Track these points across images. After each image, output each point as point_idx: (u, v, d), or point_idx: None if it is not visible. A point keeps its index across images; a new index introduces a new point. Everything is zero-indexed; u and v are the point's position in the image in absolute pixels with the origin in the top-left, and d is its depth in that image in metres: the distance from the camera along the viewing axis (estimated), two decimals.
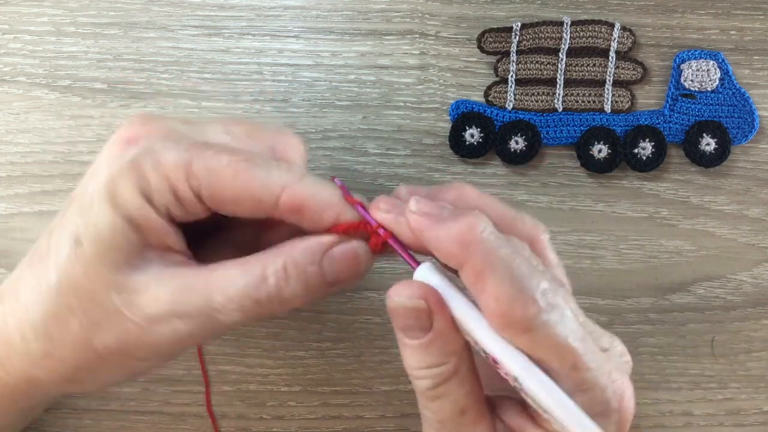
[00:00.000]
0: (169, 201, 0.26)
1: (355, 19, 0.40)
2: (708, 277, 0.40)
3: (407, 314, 0.25)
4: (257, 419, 0.41)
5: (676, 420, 0.41)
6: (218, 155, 0.26)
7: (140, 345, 0.27)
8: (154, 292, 0.26)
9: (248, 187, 0.26)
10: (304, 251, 0.27)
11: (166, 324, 0.26)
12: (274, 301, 0.27)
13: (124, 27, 0.40)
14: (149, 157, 0.26)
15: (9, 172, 0.40)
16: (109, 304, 0.26)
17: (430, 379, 0.26)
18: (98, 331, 0.26)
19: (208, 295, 0.26)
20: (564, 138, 0.40)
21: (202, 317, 0.27)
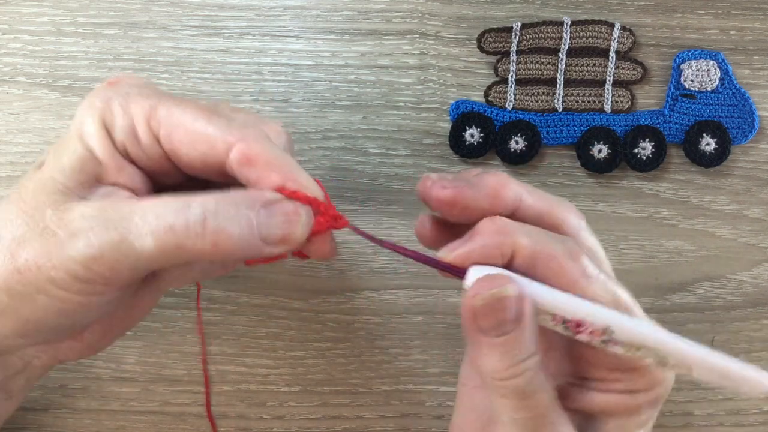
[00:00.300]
0: (128, 139, 0.27)
1: (355, 19, 0.40)
2: (708, 277, 0.40)
3: (497, 308, 0.25)
4: (257, 419, 0.41)
5: (676, 420, 0.41)
6: (184, 104, 0.27)
7: (55, 260, 0.25)
8: (83, 209, 0.26)
9: (204, 131, 0.27)
10: (245, 195, 0.26)
11: (81, 238, 0.25)
12: (192, 231, 0.25)
13: (124, 27, 0.40)
14: (120, 97, 0.28)
15: (9, 172, 0.40)
16: (39, 218, 0.26)
17: (525, 373, 0.25)
18: (24, 245, 0.26)
19: (128, 216, 0.25)
20: (564, 138, 0.40)
21: (116, 234, 0.25)
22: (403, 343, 0.40)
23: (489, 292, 0.25)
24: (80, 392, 0.40)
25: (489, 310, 0.25)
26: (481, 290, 0.25)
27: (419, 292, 0.40)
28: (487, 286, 0.25)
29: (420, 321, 0.40)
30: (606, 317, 0.25)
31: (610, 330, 0.25)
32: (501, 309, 0.25)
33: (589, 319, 0.25)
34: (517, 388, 0.25)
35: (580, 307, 0.25)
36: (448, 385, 0.41)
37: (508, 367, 0.25)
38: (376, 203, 0.40)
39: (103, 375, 0.40)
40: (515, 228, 0.26)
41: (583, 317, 0.25)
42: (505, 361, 0.25)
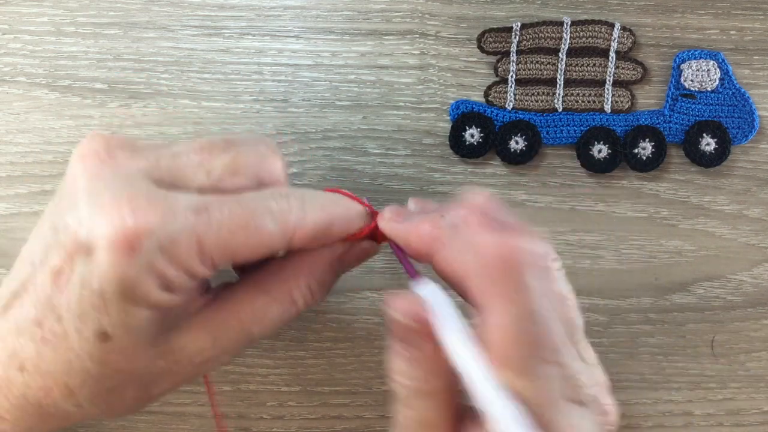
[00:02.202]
0: (186, 282, 0.25)
1: (355, 19, 0.40)
2: (708, 277, 0.40)
3: (398, 326, 0.26)
4: (257, 419, 0.41)
5: (676, 420, 0.41)
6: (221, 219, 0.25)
7: (192, 380, 0.29)
8: (194, 345, 0.27)
9: (261, 245, 0.26)
10: (323, 267, 0.29)
11: (213, 363, 0.28)
12: (301, 311, 0.29)
13: (124, 27, 0.40)
14: (159, 255, 0.24)
15: (9, 172, 0.40)
16: (157, 370, 0.27)
17: (405, 389, 0.26)
18: (153, 387, 0.28)
19: (245, 329, 0.28)
20: (564, 138, 0.40)
21: (243, 346, 0.29)
22: None
23: (392, 310, 0.26)
24: None
25: (393, 324, 0.26)
26: (391, 303, 0.26)
27: None
28: (399, 306, 0.26)
29: None
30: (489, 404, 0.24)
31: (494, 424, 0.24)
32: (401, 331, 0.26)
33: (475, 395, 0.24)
34: (397, 393, 0.27)
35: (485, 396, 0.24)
36: None
37: (395, 372, 0.26)
38: (376, 203, 0.40)
39: None
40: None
41: (478, 401, 0.24)
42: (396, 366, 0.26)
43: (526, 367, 0.24)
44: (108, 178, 0.24)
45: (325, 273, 0.30)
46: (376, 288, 0.40)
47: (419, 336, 0.25)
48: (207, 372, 0.29)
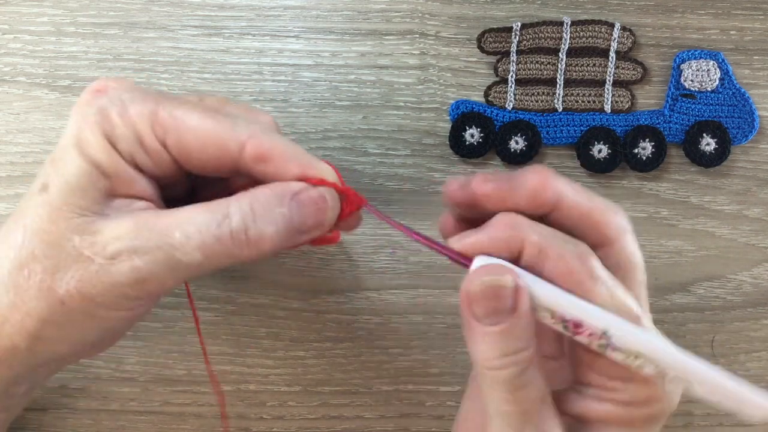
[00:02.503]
0: (135, 149, 0.27)
1: (355, 19, 0.40)
2: (708, 277, 0.40)
3: (492, 296, 0.25)
4: (257, 419, 0.41)
5: (676, 420, 0.41)
6: (185, 104, 0.27)
7: (100, 286, 0.26)
8: (115, 230, 0.26)
9: (214, 133, 0.27)
10: (273, 192, 0.27)
11: (125, 261, 0.26)
12: (237, 239, 0.26)
13: (124, 27, 0.40)
14: (116, 105, 0.27)
15: (9, 172, 0.40)
16: (70, 247, 0.26)
17: (515, 366, 0.25)
18: (60, 275, 0.26)
19: (167, 231, 0.26)
20: (564, 138, 0.40)
21: (161, 254, 0.26)
22: (403, 343, 0.40)
23: (484, 279, 0.25)
24: (80, 392, 0.40)
25: (484, 297, 0.25)
26: (478, 277, 0.25)
27: (419, 292, 0.40)
28: (485, 273, 0.25)
29: (420, 321, 0.40)
30: (605, 320, 0.25)
31: (608, 334, 0.25)
32: (495, 297, 0.25)
33: (587, 321, 0.25)
34: (504, 380, 0.25)
35: (580, 307, 0.25)
36: (448, 385, 0.41)
37: (497, 357, 0.25)
38: (376, 203, 0.40)
39: (103, 375, 0.40)
40: (526, 224, 0.26)
41: (581, 318, 0.25)
42: (495, 351, 0.25)
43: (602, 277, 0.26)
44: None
45: (273, 198, 0.27)
46: (376, 288, 0.40)
47: (516, 296, 0.25)
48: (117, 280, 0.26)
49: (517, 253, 0.26)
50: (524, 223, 0.26)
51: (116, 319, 0.27)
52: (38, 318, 0.26)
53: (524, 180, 0.27)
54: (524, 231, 0.26)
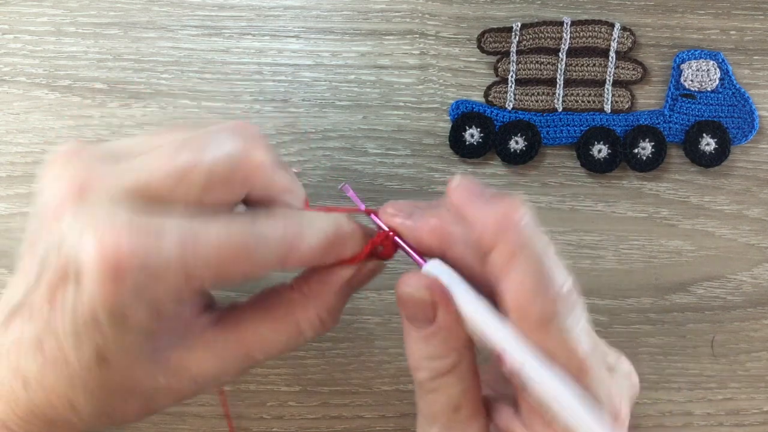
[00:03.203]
0: (177, 306, 0.26)
1: (355, 19, 0.40)
2: (708, 277, 0.40)
3: (413, 304, 0.26)
4: (257, 419, 0.41)
5: (676, 420, 0.41)
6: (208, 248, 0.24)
7: (195, 395, 0.28)
8: (196, 365, 0.27)
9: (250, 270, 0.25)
10: (333, 295, 0.29)
11: (216, 383, 0.28)
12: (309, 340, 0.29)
13: (124, 27, 0.40)
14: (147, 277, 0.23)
15: (9, 172, 0.40)
16: (159, 385, 0.26)
17: (428, 371, 0.26)
18: (155, 401, 0.27)
19: (249, 355, 0.28)
20: (564, 138, 0.40)
21: (245, 369, 0.28)
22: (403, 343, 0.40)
23: (407, 288, 0.26)
24: None
25: (403, 303, 0.26)
26: (404, 284, 0.26)
27: None
28: (411, 282, 0.26)
29: None
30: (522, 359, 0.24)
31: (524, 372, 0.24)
32: (412, 306, 0.26)
33: (509, 351, 0.24)
34: (418, 380, 0.27)
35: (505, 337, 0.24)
36: None
37: (418, 357, 0.26)
38: (376, 203, 0.40)
39: None
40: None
41: (505, 346, 0.24)
42: (416, 351, 0.26)
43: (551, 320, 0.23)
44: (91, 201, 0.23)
45: (334, 301, 0.29)
46: (376, 288, 0.40)
47: (433, 309, 0.26)
48: (210, 390, 0.29)
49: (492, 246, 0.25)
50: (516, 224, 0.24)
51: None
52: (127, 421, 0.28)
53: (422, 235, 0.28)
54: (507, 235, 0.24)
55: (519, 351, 0.24)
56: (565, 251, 0.40)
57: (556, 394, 0.23)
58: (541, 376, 0.23)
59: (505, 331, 0.24)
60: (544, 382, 0.23)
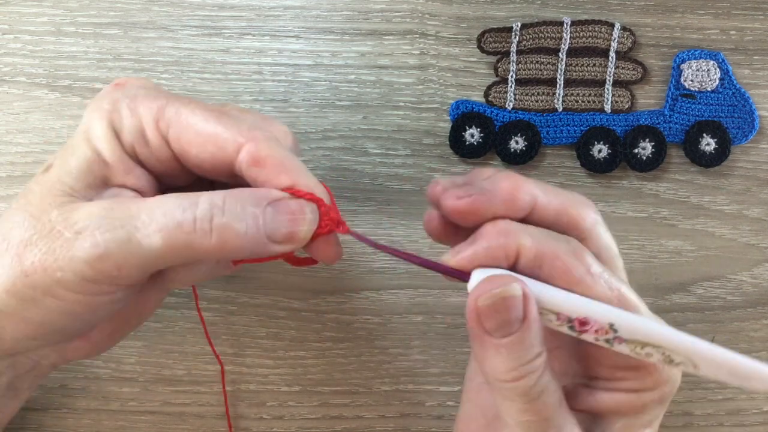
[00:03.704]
0: (137, 140, 0.28)
1: (355, 19, 0.40)
2: (708, 277, 0.40)
3: (502, 308, 0.24)
4: (257, 419, 0.41)
5: (676, 420, 0.41)
6: (192, 104, 0.28)
7: (61, 260, 0.25)
8: (89, 208, 0.26)
9: (214, 131, 0.27)
10: (251, 192, 0.27)
11: (87, 237, 0.25)
12: (198, 228, 0.25)
13: (124, 27, 0.40)
14: (128, 98, 0.28)
15: (9, 172, 0.40)
16: (46, 221, 0.26)
17: (531, 374, 0.25)
18: (30, 248, 0.26)
19: (134, 212, 0.25)
20: (564, 138, 0.40)
21: (123, 232, 0.25)
22: (403, 343, 0.40)
23: (493, 292, 0.24)
24: (80, 392, 0.40)
25: (493, 311, 0.24)
26: (485, 291, 0.25)
27: (419, 292, 0.40)
28: (491, 286, 0.25)
29: (420, 321, 0.40)
30: (609, 314, 0.25)
31: (614, 327, 0.25)
32: (505, 309, 0.24)
33: (593, 317, 0.25)
34: (522, 391, 0.25)
35: (583, 304, 0.25)
36: (448, 385, 0.41)
37: (513, 369, 0.25)
38: (376, 203, 0.40)
39: (103, 375, 0.40)
40: (518, 229, 0.26)
41: (586, 315, 0.25)
42: (510, 363, 0.25)
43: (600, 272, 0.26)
44: None
45: (250, 197, 0.26)
46: (376, 288, 0.40)
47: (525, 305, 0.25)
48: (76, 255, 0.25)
49: (513, 259, 0.26)
50: (515, 228, 0.26)
51: (77, 302, 0.26)
52: (3, 288, 0.26)
53: (497, 188, 0.27)
54: (517, 236, 0.26)
55: (604, 311, 0.25)
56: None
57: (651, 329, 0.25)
58: (632, 322, 0.25)
59: (582, 299, 0.25)
60: (636, 325, 0.25)
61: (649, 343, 0.25)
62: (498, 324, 0.25)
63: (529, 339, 0.25)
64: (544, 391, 0.25)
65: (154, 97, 0.28)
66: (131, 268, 0.26)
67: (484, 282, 0.25)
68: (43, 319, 0.27)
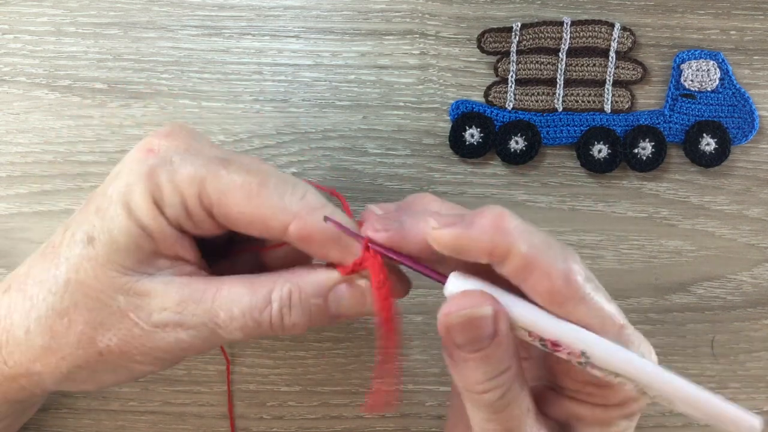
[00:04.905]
0: (180, 214, 0.27)
1: (355, 19, 0.40)
2: (708, 277, 0.40)
3: (473, 325, 0.25)
4: (257, 419, 0.41)
5: (676, 420, 0.41)
6: (232, 175, 0.27)
7: (142, 348, 0.27)
8: (162, 299, 0.27)
9: (258, 212, 0.27)
10: (312, 284, 0.28)
11: (169, 332, 0.27)
12: (274, 325, 0.28)
13: (124, 27, 0.40)
14: (166, 168, 0.27)
15: (9, 172, 0.40)
16: (115, 306, 0.27)
17: (498, 388, 0.25)
18: (102, 331, 0.27)
19: (213, 310, 0.27)
20: (564, 138, 0.40)
21: (205, 330, 0.27)
22: (403, 343, 0.40)
23: (463, 312, 0.25)
24: (80, 392, 0.40)
25: (462, 328, 0.25)
26: (456, 308, 0.25)
27: (419, 292, 0.40)
28: (461, 305, 0.25)
29: (420, 321, 0.40)
30: (582, 341, 0.25)
31: (586, 355, 0.25)
32: (475, 327, 0.25)
33: (564, 341, 0.25)
34: (488, 402, 0.25)
35: (556, 328, 0.25)
36: (448, 385, 0.41)
37: (480, 382, 0.25)
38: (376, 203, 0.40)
39: None
40: (516, 230, 0.25)
41: (558, 338, 0.25)
42: (478, 376, 0.25)
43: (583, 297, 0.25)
44: None
45: (312, 289, 0.28)
46: None
47: (495, 322, 0.25)
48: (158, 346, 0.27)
49: (500, 259, 0.25)
50: (513, 228, 0.25)
51: (148, 370, 0.29)
52: (74, 364, 0.27)
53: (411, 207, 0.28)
54: (513, 239, 0.24)
55: (577, 337, 0.25)
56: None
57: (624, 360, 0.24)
58: (605, 351, 0.24)
59: (558, 322, 0.25)
60: (609, 356, 0.24)
61: (621, 375, 0.25)
62: (467, 340, 0.25)
63: (498, 355, 0.25)
64: (510, 403, 0.26)
65: (192, 164, 0.27)
66: (207, 349, 0.29)
67: (456, 298, 0.25)
68: (112, 381, 0.29)
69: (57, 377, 0.28)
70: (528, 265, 0.24)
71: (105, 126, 0.40)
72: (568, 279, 0.24)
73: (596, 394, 0.27)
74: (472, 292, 0.25)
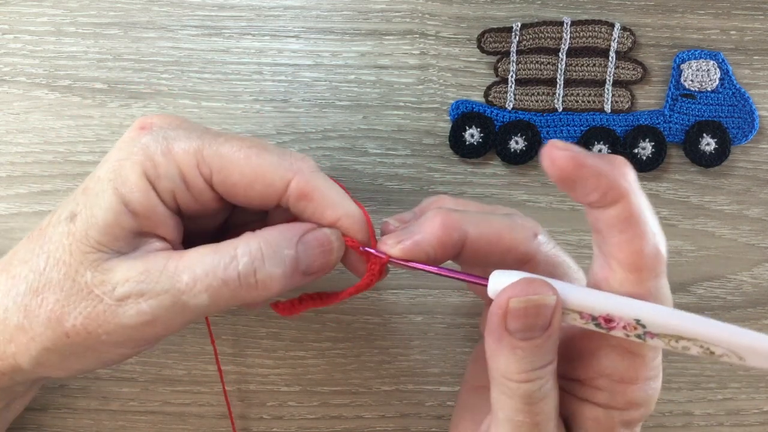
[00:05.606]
0: (178, 186, 0.27)
1: (355, 19, 0.40)
2: (708, 277, 0.40)
3: (534, 313, 0.24)
4: (257, 419, 0.41)
5: (676, 420, 0.41)
6: (230, 141, 0.27)
7: (106, 327, 0.26)
8: (125, 271, 0.26)
9: (260, 170, 0.27)
10: (280, 234, 0.27)
11: (131, 305, 0.26)
12: (244, 283, 0.26)
13: (124, 27, 0.40)
14: (160, 142, 0.27)
15: (9, 172, 0.40)
16: (82, 282, 0.26)
17: (538, 380, 0.25)
18: (69, 309, 0.26)
19: (175, 275, 0.26)
20: (564, 138, 0.40)
21: (168, 297, 0.26)
22: (403, 343, 0.40)
23: (529, 297, 0.24)
24: (80, 392, 0.40)
25: (522, 314, 0.24)
26: (521, 292, 0.24)
27: (419, 292, 0.40)
28: (529, 290, 0.24)
29: (420, 321, 0.40)
30: (634, 309, 0.24)
31: (641, 323, 0.24)
32: (535, 315, 0.24)
33: (616, 313, 0.24)
34: (525, 393, 0.25)
35: (605, 301, 0.24)
36: (448, 385, 0.41)
37: (523, 371, 0.25)
38: (376, 203, 0.40)
39: (103, 375, 0.40)
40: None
41: (608, 312, 0.24)
42: (522, 365, 0.25)
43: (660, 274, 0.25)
44: None
45: (281, 240, 0.27)
46: (376, 288, 0.40)
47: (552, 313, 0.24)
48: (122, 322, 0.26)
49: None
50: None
51: (118, 354, 0.28)
52: (42, 345, 0.27)
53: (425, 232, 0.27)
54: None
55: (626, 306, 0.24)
56: (565, 251, 0.40)
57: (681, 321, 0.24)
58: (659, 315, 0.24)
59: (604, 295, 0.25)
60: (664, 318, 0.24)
61: (682, 337, 0.24)
62: (522, 327, 0.25)
63: (547, 346, 0.25)
64: (545, 397, 0.25)
65: (187, 137, 0.27)
66: (177, 325, 0.27)
67: (520, 283, 0.25)
68: (81, 368, 0.29)
69: (27, 359, 0.27)
70: (631, 218, 0.24)
71: (105, 126, 0.40)
72: (658, 250, 0.24)
73: (605, 389, 0.26)
74: (536, 279, 0.25)
